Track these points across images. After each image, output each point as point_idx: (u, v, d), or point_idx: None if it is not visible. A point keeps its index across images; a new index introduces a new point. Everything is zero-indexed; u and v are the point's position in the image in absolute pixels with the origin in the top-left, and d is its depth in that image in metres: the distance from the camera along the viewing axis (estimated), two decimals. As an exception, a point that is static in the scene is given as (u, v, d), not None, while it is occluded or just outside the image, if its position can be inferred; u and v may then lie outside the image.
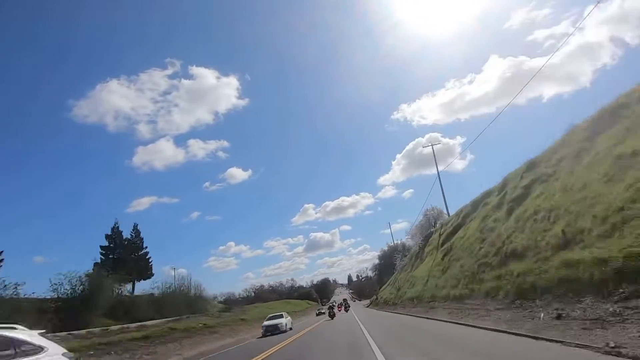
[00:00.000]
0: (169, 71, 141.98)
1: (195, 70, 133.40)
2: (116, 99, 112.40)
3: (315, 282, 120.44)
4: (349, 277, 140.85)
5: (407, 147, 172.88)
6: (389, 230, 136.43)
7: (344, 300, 56.71)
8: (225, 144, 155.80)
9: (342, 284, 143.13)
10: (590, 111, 12.69)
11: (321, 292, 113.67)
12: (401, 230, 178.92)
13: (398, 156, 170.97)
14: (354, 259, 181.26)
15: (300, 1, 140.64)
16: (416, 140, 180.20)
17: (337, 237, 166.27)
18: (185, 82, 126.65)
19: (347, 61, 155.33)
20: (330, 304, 39.89)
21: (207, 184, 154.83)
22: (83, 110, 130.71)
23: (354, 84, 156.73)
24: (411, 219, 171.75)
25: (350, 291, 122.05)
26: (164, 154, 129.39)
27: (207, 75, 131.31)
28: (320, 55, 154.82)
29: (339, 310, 45.28)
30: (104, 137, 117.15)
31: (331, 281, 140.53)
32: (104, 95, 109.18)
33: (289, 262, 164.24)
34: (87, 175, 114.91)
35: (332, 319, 29.75)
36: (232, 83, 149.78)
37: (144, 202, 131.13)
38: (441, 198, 34.94)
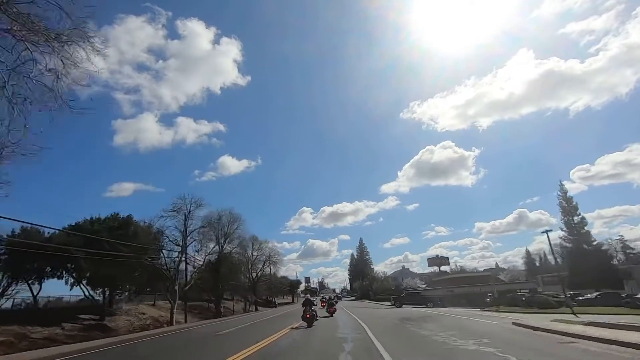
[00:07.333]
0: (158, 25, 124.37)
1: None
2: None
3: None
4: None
5: (415, 157, 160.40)
6: (389, 244, 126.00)
7: (332, 295, 38.35)
8: (221, 127, 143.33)
9: (334, 289, 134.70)
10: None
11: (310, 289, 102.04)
12: (401, 246, 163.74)
13: (405, 166, 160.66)
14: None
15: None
16: (426, 147, 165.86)
17: (335, 247, 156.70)
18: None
19: (354, 58, 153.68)
20: (307, 297, 19.54)
21: (196, 172, 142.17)
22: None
23: (361, 82, 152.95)
24: (412, 235, 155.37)
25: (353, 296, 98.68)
26: (147, 133, 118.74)
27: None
28: (326, 51, 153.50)
29: (323, 306, 30.58)
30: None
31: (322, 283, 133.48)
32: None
33: (284, 268, 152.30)
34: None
35: (310, 325, 16.09)
36: (231, 55, 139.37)
37: (126, 188, 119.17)
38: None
